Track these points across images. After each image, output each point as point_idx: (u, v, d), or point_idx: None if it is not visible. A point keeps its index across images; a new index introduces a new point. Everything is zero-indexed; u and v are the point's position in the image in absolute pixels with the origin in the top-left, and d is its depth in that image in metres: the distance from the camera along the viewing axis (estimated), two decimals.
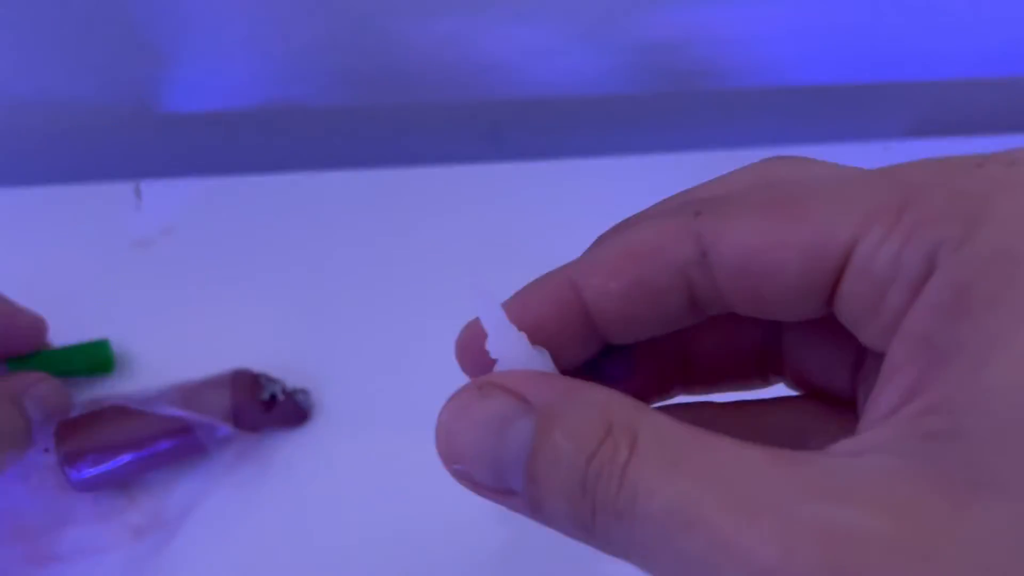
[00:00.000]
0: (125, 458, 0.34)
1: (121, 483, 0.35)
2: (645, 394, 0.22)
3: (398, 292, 0.41)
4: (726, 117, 0.50)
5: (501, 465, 0.17)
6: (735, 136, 0.50)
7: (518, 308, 0.19)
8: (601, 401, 0.16)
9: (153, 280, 0.41)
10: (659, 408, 0.20)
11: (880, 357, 0.16)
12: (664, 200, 0.21)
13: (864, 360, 0.20)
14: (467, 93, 0.47)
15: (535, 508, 0.17)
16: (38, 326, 0.36)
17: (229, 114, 0.47)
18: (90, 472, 0.33)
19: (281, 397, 0.36)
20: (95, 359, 0.37)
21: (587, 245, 0.21)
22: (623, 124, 0.50)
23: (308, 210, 0.43)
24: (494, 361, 0.19)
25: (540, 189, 0.44)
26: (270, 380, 0.36)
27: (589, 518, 0.16)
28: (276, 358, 0.38)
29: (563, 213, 0.43)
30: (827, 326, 0.19)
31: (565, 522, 0.16)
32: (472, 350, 0.20)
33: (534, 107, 0.48)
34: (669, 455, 0.15)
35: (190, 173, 0.45)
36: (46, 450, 0.33)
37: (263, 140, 0.48)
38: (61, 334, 0.37)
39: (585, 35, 0.45)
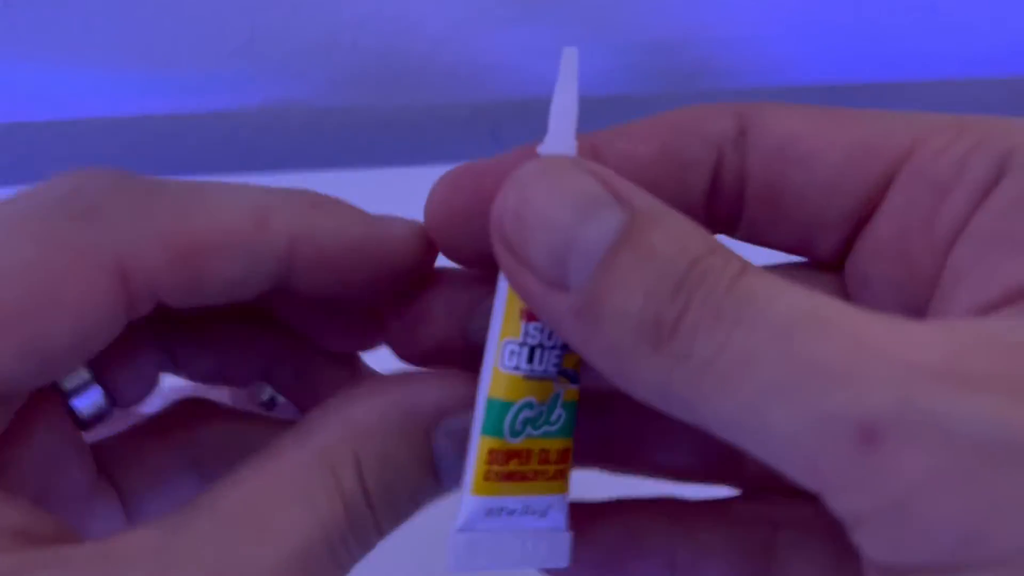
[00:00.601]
0: None
1: None
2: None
3: None
4: None
5: (570, 248, 0.14)
6: None
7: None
8: (701, 228, 0.14)
9: None
10: None
11: None
12: None
13: None
14: (467, 93, 0.47)
15: (589, 307, 0.14)
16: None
17: (228, 114, 0.47)
18: None
19: (281, 399, 0.36)
20: None
21: None
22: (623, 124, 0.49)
23: None
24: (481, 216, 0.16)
25: None
26: None
27: (671, 320, 0.13)
28: None
29: None
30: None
31: (626, 326, 0.13)
32: (465, 190, 0.17)
33: (535, 107, 0.48)
34: (788, 281, 0.13)
35: (188, 173, 0.44)
36: None
37: (262, 140, 0.48)
38: None
39: (586, 35, 0.44)
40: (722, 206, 0.17)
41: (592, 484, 0.19)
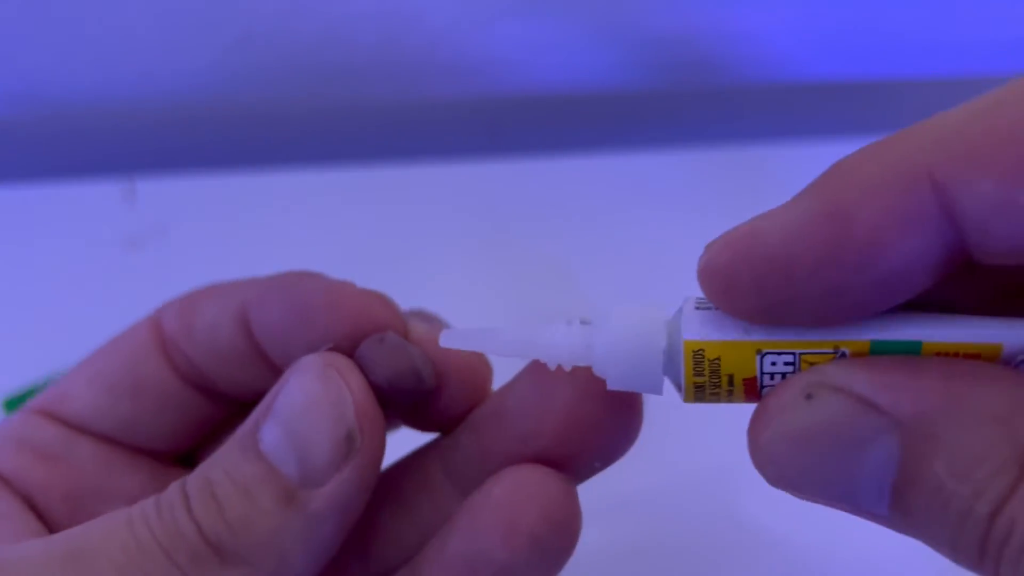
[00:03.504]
0: None
1: None
2: None
3: (397, 290, 0.40)
4: (729, 114, 0.49)
5: (853, 492, 0.13)
6: (739, 133, 0.50)
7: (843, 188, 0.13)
8: (1003, 412, 0.12)
9: (146, 281, 0.40)
10: None
11: None
12: None
13: None
14: (466, 89, 0.46)
15: (903, 530, 0.13)
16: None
17: (224, 108, 0.46)
18: None
19: None
20: None
21: (588, 243, 0.19)
22: (625, 121, 0.49)
23: (305, 208, 0.43)
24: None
25: (539, 187, 0.43)
26: None
27: (991, 558, 0.11)
28: None
29: (563, 211, 0.42)
30: None
31: (952, 559, 0.12)
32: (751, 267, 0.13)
33: (533, 104, 0.47)
34: None
35: (185, 169, 0.44)
36: None
37: (258, 135, 0.48)
38: (50, 338, 0.36)
39: (587, 30, 0.44)
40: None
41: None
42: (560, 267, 0.39)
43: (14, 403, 0.34)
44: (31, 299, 0.37)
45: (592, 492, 0.18)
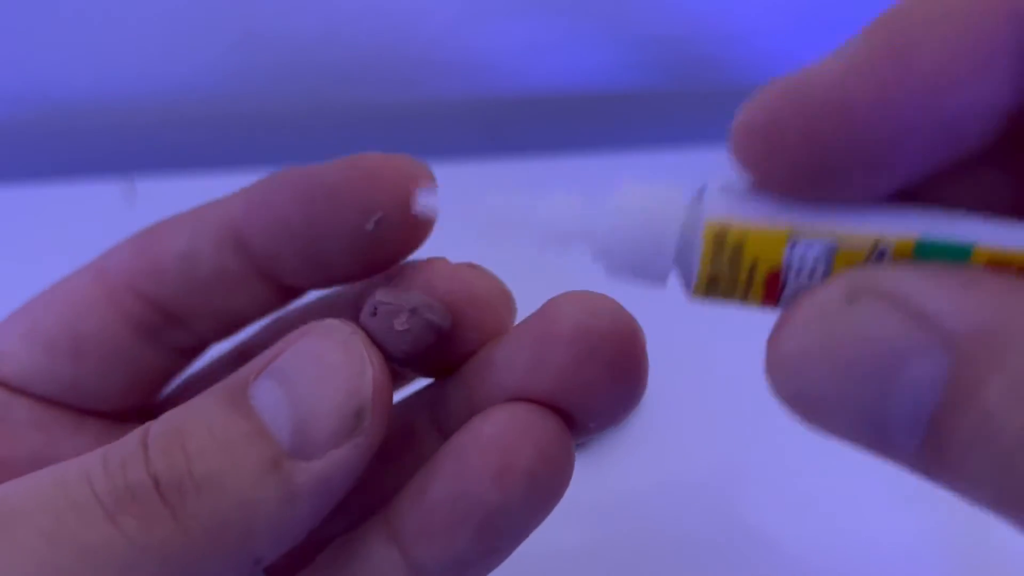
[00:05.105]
0: None
1: None
2: None
3: None
4: (729, 114, 0.49)
5: (884, 418, 0.11)
6: None
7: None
8: None
9: None
10: None
11: None
12: None
13: None
14: (466, 89, 0.46)
15: (934, 472, 0.11)
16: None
17: (224, 108, 0.46)
18: None
19: None
20: None
21: None
22: (625, 121, 0.49)
23: None
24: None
25: (539, 187, 0.43)
26: None
27: None
28: None
29: None
30: None
31: (992, 506, 0.10)
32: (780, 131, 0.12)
33: (533, 104, 0.47)
34: None
35: (185, 169, 0.44)
36: None
37: (258, 135, 0.48)
38: None
39: (586, 31, 0.44)
40: None
41: None
42: (560, 267, 0.39)
43: None
44: (29, 294, 0.37)
45: (587, 492, 0.18)
